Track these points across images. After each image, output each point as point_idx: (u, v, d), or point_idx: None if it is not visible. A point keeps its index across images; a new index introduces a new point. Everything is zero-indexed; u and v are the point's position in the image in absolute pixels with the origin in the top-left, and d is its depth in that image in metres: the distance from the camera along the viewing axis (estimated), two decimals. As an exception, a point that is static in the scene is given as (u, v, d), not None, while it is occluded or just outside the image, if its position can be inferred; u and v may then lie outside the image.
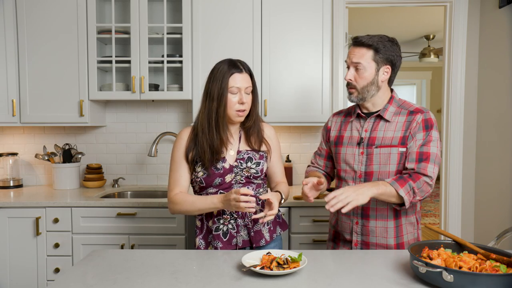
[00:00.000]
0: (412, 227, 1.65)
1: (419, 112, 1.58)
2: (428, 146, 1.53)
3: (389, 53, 1.60)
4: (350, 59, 1.60)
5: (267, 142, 1.70)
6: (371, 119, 1.64)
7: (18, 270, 2.39)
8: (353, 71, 1.60)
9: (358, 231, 1.65)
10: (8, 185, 2.85)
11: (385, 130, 1.60)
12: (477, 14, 2.81)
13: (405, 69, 8.80)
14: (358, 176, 1.63)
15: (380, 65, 1.59)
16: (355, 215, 1.64)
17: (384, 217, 1.61)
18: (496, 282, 1.04)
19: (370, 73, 1.58)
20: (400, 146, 1.57)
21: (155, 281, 1.20)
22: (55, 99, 2.64)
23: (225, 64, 1.59)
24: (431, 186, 1.52)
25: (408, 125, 1.58)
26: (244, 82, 1.59)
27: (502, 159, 2.58)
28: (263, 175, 1.68)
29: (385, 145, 1.58)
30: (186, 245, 2.37)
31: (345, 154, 1.68)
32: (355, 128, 1.68)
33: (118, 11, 2.86)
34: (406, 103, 1.66)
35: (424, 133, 1.55)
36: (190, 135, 1.65)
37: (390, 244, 1.62)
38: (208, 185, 1.61)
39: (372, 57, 1.58)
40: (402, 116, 1.61)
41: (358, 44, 1.60)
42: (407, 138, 1.57)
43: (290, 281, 1.20)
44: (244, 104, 1.59)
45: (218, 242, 1.59)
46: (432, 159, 1.52)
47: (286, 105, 2.63)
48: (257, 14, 2.59)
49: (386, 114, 1.62)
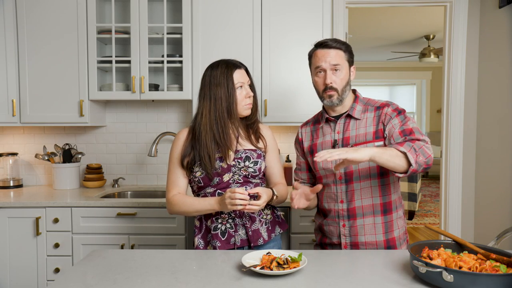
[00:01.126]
0: (402, 221, 1.66)
1: (385, 106, 1.61)
2: (407, 124, 1.53)
3: (351, 51, 1.65)
4: (328, 62, 1.58)
5: (263, 138, 1.72)
6: (341, 120, 1.65)
7: (18, 270, 2.39)
8: (332, 74, 1.58)
9: (346, 233, 1.63)
10: (8, 185, 2.85)
11: (357, 128, 1.61)
12: (477, 14, 2.81)
13: (405, 69, 8.81)
14: (338, 178, 1.62)
15: (350, 65, 1.64)
16: (341, 218, 1.63)
17: (371, 214, 1.59)
18: (496, 282, 1.04)
19: (346, 73, 1.61)
20: (376, 140, 1.57)
21: (155, 281, 1.20)
22: (55, 99, 2.64)
23: (221, 65, 1.63)
24: (429, 149, 1.46)
25: (378, 120, 1.60)
26: (245, 77, 1.65)
27: (502, 159, 2.58)
28: (261, 174, 1.68)
29: (360, 142, 1.59)
30: (186, 245, 2.37)
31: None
32: (327, 133, 1.68)
33: (118, 11, 2.86)
34: (371, 100, 1.68)
35: (398, 117, 1.56)
36: (187, 136, 1.66)
37: (380, 241, 1.60)
38: (206, 185, 1.61)
39: (344, 57, 1.60)
40: (370, 112, 1.62)
41: (330, 47, 1.59)
42: (381, 131, 1.58)
43: (290, 281, 1.20)
44: (251, 97, 1.65)
45: (217, 241, 1.59)
46: (417, 132, 1.51)
47: (286, 105, 2.63)
48: (257, 14, 2.59)
49: (355, 112, 1.63)
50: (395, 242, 1.61)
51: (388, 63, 8.64)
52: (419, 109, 9.22)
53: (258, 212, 1.64)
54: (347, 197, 1.61)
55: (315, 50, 1.65)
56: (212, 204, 1.55)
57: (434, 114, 9.03)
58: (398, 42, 6.63)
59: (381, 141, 1.57)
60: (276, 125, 2.79)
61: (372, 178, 1.59)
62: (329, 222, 1.68)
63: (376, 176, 1.59)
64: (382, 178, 1.59)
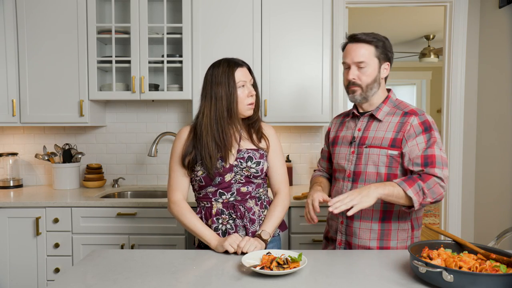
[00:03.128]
0: (405, 234, 1.58)
1: (413, 114, 1.53)
2: (433, 148, 1.47)
3: (386, 50, 1.58)
4: (352, 58, 1.54)
5: (266, 137, 1.69)
6: (365, 118, 1.63)
7: (18, 270, 2.39)
8: (356, 70, 1.55)
9: (342, 231, 1.63)
10: (8, 185, 2.85)
11: (377, 130, 1.58)
12: (477, 14, 2.81)
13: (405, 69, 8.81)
14: (347, 175, 1.62)
15: (381, 62, 1.57)
16: (340, 214, 1.62)
17: (369, 219, 1.57)
18: (496, 282, 1.04)
19: (374, 69, 1.55)
20: (390, 149, 1.52)
21: (155, 281, 1.20)
22: (55, 99, 2.64)
23: (223, 64, 1.60)
24: (443, 188, 1.44)
25: (400, 127, 1.53)
26: (247, 75, 1.62)
27: (502, 159, 2.58)
28: (263, 175, 1.66)
29: (375, 145, 1.55)
30: (186, 245, 2.37)
31: (338, 153, 1.68)
32: (349, 128, 1.68)
33: (118, 11, 2.86)
34: (403, 103, 1.63)
35: (425, 136, 1.49)
36: (188, 135, 1.65)
37: (373, 247, 1.57)
38: (208, 184, 1.60)
39: (374, 53, 1.55)
40: (396, 116, 1.57)
41: (357, 41, 1.55)
42: (400, 141, 1.51)
43: (290, 281, 1.20)
44: (253, 96, 1.62)
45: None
46: (439, 162, 1.45)
47: (286, 105, 2.63)
48: (257, 14, 2.59)
49: (379, 113, 1.59)
50: None
51: (388, 63, 8.62)
52: (419, 109, 9.21)
53: (258, 213, 1.64)
54: None
55: (346, 43, 1.61)
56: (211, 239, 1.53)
57: (434, 114, 9.02)
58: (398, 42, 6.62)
59: (396, 150, 1.51)
60: (276, 125, 2.78)
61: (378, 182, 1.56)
62: (332, 216, 1.70)
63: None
64: None
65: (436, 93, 8.84)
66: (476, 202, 2.87)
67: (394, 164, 1.53)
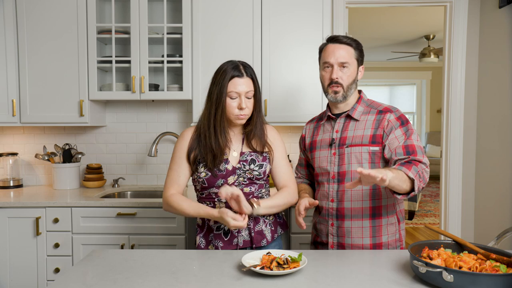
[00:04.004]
0: (393, 228, 1.63)
1: (388, 111, 1.59)
2: (411, 139, 1.53)
3: (362, 53, 1.64)
4: (336, 58, 1.57)
5: (269, 145, 1.68)
6: (341, 120, 1.65)
7: (18, 270, 2.39)
8: (339, 70, 1.58)
9: (334, 233, 1.64)
10: (8, 185, 2.85)
11: (355, 129, 1.61)
12: (477, 14, 2.81)
13: (405, 69, 8.81)
14: (332, 177, 1.62)
15: (359, 64, 1.63)
16: (330, 217, 1.63)
17: (359, 217, 1.59)
18: (496, 282, 1.04)
19: (354, 70, 1.60)
20: (371, 145, 1.57)
21: (155, 281, 1.20)
22: (55, 99, 2.64)
23: (227, 66, 1.57)
24: (427, 173, 1.48)
25: (378, 124, 1.58)
26: (245, 87, 1.55)
27: (502, 159, 2.58)
28: (266, 177, 1.67)
29: (356, 144, 1.58)
30: (186, 245, 2.37)
31: (319, 157, 1.68)
32: (326, 131, 1.69)
33: (118, 11, 2.86)
34: (375, 103, 1.67)
35: (402, 129, 1.55)
36: (193, 135, 1.65)
37: (366, 244, 1.60)
38: (211, 186, 1.60)
39: (354, 55, 1.60)
40: (371, 115, 1.62)
41: (339, 42, 1.59)
42: (380, 136, 1.56)
43: (290, 281, 1.20)
44: (244, 109, 1.56)
45: (219, 241, 1.59)
46: (419, 151, 1.51)
47: (286, 104, 2.63)
48: (257, 14, 2.59)
49: (355, 113, 1.63)
50: (381, 248, 1.60)
51: (388, 63, 8.64)
52: (419, 109, 9.22)
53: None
54: (337, 197, 1.61)
55: (326, 44, 1.64)
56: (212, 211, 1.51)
57: (434, 114, 9.03)
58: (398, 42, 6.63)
59: (377, 146, 1.56)
60: (276, 125, 2.78)
61: None
62: (320, 220, 1.70)
63: None
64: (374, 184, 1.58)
65: (436, 93, 8.85)
66: (476, 202, 2.87)
67: (376, 159, 1.58)
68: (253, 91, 1.58)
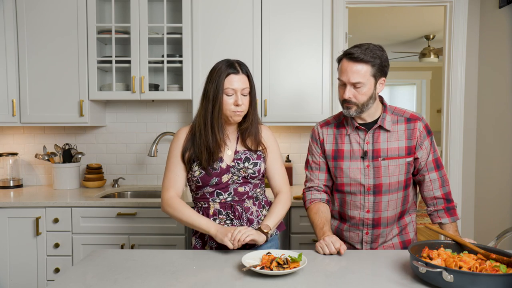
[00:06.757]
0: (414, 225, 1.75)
1: (417, 120, 1.61)
2: (436, 151, 1.64)
3: (382, 63, 1.53)
4: (348, 78, 1.51)
5: (263, 144, 1.67)
6: (371, 131, 1.61)
7: (18, 270, 2.39)
8: (352, 89, 1.53)
9: (368, 240, 1.67)
10: (8, 185, 2.85)
11: (388, 141, 1.59)
12: (477, 14, 2.81)
13: (405, 69, 8.80)
14: (367, 189, 1.62)
15: (378, 79, 1.54)
16: (365, 226, 1.66)
17: (392, 223, 1.67)
18: (496, 282, 1.04)
19: (369, 88, 1.53)
20: (407, 157, 1.60)
21: (155, 281, 1.20)
22: (55, 99, 2.64)
23: (222, 64, 1.57)
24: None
25: (410, 134, 1.59)
26: (241, 84, 1.55)
27: (502, 159, 2.58)
28: (261, 175, 1.66)
29: (393, 156, 1.59)
30: (186, 245, 2.37)
31: (348, 168, 1.64)
32: (355, 141, 1.64)
33: (118, 11, 2.86)
34: (397, 109, 1.65)
35: (429, 139, 1.62)
36: (187, 134, 1.64)
37: (396, 242, 1.68)
38: (205, 185, 1.60)
39: (370, 72, 1.51)
40: (400, 124, 1.61)
41: (353, 60, 1.51)
42: (414, 147, 1.60)
43: (290, 281, 1.20)
44: (240, 106, 1.55)
45: (214, 242, 1.59)
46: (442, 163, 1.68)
47: (286, 105, 2.63)
48: (257, 14, 2.59)
49: (386, 123, 1.60)
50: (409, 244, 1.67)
51: (388, 63, 8.62)
52: (419, 109, 9.20)
53: (256, 213, 1.64)
54: (374, 208, 1.63)
55: (342, 58, 1.57)
56: (209, 227, 1.50)
57: (434, 114, 9.02)
58: (398, 42, 6.62)
59: (411, 157, 1.61)
60: (276, 125, 2.79)
61: (399, 191, 1.63)
62: (351, 228, 1.69)
63: (402, 189, 1.63)
64: (406, 190, 1.65)
65: (436, 93, 8.84)
66: (476, 202, 2.87)
67: (410, 169, 1.63)
68: (248, 88, 1.59)
